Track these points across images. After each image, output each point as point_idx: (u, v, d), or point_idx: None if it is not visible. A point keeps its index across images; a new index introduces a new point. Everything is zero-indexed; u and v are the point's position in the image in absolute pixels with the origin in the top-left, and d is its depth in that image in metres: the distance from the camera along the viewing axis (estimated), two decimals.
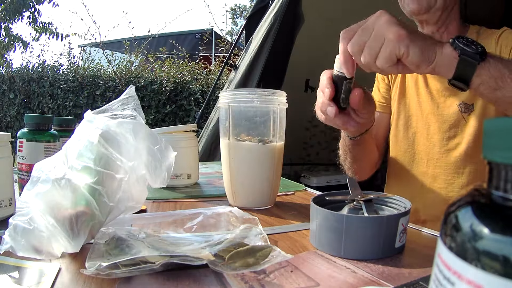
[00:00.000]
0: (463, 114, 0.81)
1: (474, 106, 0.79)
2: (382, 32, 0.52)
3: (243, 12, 14.97)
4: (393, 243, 0.46)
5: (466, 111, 0.80)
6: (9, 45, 4.93)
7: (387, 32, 0.51)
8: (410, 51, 0.51)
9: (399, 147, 0.93)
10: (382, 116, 0.97)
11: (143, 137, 0.50)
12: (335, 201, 0.55)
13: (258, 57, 1.99)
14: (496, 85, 0.53)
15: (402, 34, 0.51)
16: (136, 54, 4.54)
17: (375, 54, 0.53)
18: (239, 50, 2.89)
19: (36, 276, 0.39)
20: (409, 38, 0.51)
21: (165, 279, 0.39)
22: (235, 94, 0.70)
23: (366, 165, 0.94)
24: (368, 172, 0.96)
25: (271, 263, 0.41)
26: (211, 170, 1.17)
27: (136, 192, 0.50)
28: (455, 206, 0.17)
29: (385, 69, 0.54)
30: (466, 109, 0.80)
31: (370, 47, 0.53)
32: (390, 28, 0.51)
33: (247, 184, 0.69)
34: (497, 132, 0.16)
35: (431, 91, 0.86)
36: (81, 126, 0.50)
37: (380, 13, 0.53)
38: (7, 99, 4.47)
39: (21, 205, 0.44)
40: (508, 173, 0.16)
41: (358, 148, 0.85)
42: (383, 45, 0.52)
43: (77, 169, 0.45)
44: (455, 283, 0.16)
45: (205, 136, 2.09)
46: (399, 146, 0.93)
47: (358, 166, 0.92)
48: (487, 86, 0.53)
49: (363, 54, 0.53)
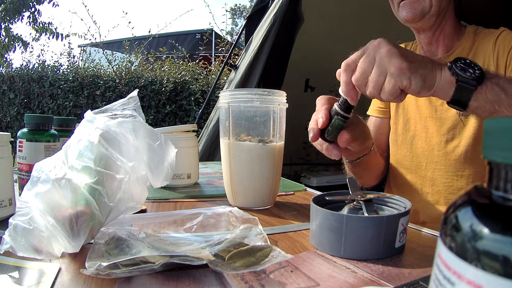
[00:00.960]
0: (461, 116, 0.80)
1: None
2: (384, 66, 0.53)
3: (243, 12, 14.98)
4: (393, 243, 0.46)
5: (464, 114, 0.80)
6: (9, 45, 4.93)
7: (389, 65, 0.52)
8: (412, 82, 0.52)
9: (398, 150, 0.93)
10: (383, 122, 0.97)
11: (143, 135, 0.50)
12: (335, 201, 0.55)
13: (258, 57, 1.99)
14: (493, 109, 0.53)
15: (403, 67, 0.52)
16: (136, 54, 4.54)
17: (379, 87, 0.54)
18: (239, 50, 2.89)
19: (36, 276, 0.39)
20: (410, 70, 0.52)
21: (165, 279, 0.39)
22: (235, 94, 0.70)
23: (371, 177, 0.94)
24: (375, 181, 0.97)
25: (271, 263, 0.41)
26: (211, 170, 1.17)
27: (136, 193, 0.50)
28: (455, 206, 0.17)
29: (390, 100, 0.55)
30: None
31: (374, 81, 0.54)
32: (392, 61, 0.52)
33: (247, 184, 0.69)
34: (497, 132, 0.16)
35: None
36: (81, 126, 0.50)
37: (379, 42, 0.54)
38: (7, 99, 4.47)
39: (21, 205, 0.44)
40: (508, 173, 0.16)
41: (360, 169, 0.85)
42: (386, 79, 0.53)
43: (77, 169, 0.45)
44: (455, 283, 0.16)
45: (205, 136, 2.09)
46: (398, 149, 0.92)
47: (364, 179, 0.92)
48: (484, 109, 0.54)
49: (368, 88, 0.55)
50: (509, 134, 0.16)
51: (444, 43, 0.83)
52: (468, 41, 0.82)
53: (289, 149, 0.78)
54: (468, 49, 0.81)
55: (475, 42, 0.81)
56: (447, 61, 0.56)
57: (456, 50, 0.82)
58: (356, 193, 0.54)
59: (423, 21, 0.77)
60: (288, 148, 0.75)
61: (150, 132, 0.51)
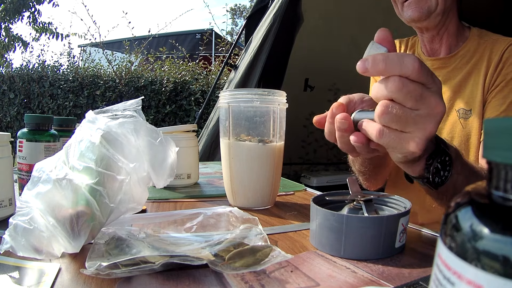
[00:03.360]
0: (461, 119, 0.80)
1: (472, 111, 0.79)
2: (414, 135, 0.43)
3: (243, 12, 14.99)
4: (393, 243, 0.46)
5: (464, 116, 0.80)
6: (9, 45, 4.93)
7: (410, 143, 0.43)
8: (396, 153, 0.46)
9: None
10: None
11: (144, 134, 0.50)
12: (335, 201, 0.55)
13: (258, 57, 1.99)
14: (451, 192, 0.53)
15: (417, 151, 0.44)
16: (136, 54, 4.54)
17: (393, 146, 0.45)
18: (239, 50, 2.89)
19: (36, 276, 0.39)
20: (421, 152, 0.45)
21: (165, 279, 0.39)
22: (235, 94, 0.70)
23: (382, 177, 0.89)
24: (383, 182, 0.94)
25: (271, 263, 0.41)
26: (211, 170, 1.17)
27: (137, 194, 0.50)
28: (455, 206, 0.17)
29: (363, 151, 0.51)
30: (464, 114, 0.80)
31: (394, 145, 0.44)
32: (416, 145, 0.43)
33: (247, 184, 0.69)
34: (497, 132, 0.16)
35: None
36: (83, 126, 0.50)
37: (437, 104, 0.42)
38: (7, 99, 4.47)
39: (22, 205, 0.44)
40: (508, 173, 0.16)
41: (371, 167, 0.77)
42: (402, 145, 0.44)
43: (78, 170, 0.45)
44: (455, 283, 0.16)
45: (205, 136, 2.09)
46: None
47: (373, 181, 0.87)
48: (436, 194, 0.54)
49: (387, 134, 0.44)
50: (509, 134, 0.16)
51: (448, 42, 0.83)
52: (472, 44, 0.81)
53: (289, 149, 0.78)
54: (472, 52, 0.81)
55: (480, 45, 0.80)
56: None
57: (460, 52, 0.82)
58: (356, 193, 0.54)
59: (429, 20, 0.77)
60: (287, 148, 0.75)
61: (151, 130, 0.51)
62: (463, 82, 0.81)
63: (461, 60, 0.82)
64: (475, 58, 0.80)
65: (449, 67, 0.83)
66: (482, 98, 0.78)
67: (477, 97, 0.78)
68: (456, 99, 0.81)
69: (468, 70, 0.81)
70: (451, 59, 0.83)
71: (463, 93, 0.81)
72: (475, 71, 0.80)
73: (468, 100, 0.79)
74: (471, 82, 0.80)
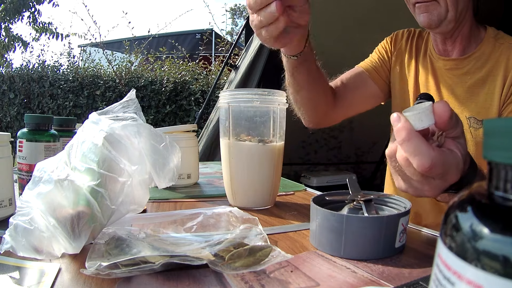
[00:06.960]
0: (471, 128, 0.77)
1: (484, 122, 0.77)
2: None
3: (243, 12, 14.97)
4: (393, 243, 0.46)
5: (474, 126, 0.77)
6: (9, 45, 4.93)
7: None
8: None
9: None
10: (368, 82, 0.92)
11: (148, 137, 0.50)
12: (335, 201, 0.55)
13: (258, 57, 1.99)
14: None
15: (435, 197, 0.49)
16: (136, 54, 4.54)
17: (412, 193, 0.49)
18: (239, 50, 2.89)
19: (36, 276, 0.39)
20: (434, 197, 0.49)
21: (165, 279, 0.39)
22: (235, 94, 0.70)
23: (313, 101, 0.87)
24: (321, 117, 0.92)
25: (271, 263, 0.41)
26: (211, 170, 1.17)
27: (138, 196, 0.50)
28: (455, 206, 0.17)
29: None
30: (475, 124, 0.77)
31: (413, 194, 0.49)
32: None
33: (247, 184, 0.69)
34: (497, 132, 0.16)
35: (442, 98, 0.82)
36: (85, 127, 0.50)
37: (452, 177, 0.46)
38: (7, 99, 4.47)
39: (22, 205, 0.44)
40: (508, 173, 0.16)
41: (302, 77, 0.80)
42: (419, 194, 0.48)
43: (80, 171, 0.45)
44: (455, 283, 0.16)
45: (205, 136, 2.09)
46: None
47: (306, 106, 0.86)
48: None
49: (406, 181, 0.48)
50: (509, 134, 0.16)
51: (461, 44, 0.80)
52: (487, 47, 0.78)
53: (288, 149, 0.77)
54: (487, 55, 0.78)
55: (496, 48, 0.77)
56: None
57: (474, 54, 0.79)
58: (356, 193, 0.54)
59: (441, 28, 0.75)
60: (287, 148, 0.75)
61: (155, 134, 0.51)
62: (476, 89, 0.78)
63: (475, 63, 0.78)
64: (490, 63, 0.77)
65: (462, 69, 0.80)
66: (498, 111, 0.75)
67: (492, 109, 0.75)
68: (468, 105, 0.78)
69: (482, 75, 0.77)
70: (464, 61, 0.80)
71: (476, 100, 0.78)
72: (490, 78, 0.76)
73: (480, 110, 0.76)
74: (485, 90, 0.76)
